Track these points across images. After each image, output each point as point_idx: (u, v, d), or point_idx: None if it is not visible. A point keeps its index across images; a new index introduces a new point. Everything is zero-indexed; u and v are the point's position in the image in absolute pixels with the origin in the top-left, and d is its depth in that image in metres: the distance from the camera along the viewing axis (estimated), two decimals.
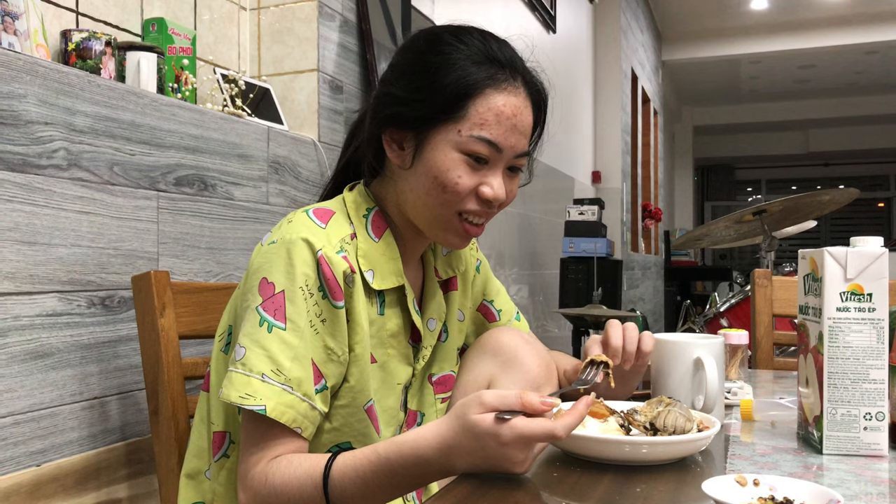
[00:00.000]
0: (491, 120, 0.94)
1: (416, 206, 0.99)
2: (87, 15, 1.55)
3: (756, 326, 1.76)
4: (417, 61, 0.99)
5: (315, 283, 0.91)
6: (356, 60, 2.15)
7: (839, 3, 7.04)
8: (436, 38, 1.00)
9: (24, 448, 1.17)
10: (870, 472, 0.83)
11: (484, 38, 0.99)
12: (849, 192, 2.95)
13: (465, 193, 0.96)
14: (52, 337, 1.22)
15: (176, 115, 1.46)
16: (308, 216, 0.96)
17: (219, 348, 1.04)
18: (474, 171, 0.96)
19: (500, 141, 0.95)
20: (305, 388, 0.90)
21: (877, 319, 0.89)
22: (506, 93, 0.96)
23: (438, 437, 0.81)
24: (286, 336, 0.89)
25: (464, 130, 0.94)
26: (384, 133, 1.00)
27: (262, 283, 0.92)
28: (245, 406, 0.87)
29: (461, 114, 0.94)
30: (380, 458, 0.83)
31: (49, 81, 1.20)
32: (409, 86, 0.97)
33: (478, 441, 0.78)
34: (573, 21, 5.05)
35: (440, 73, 0.95)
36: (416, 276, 1.10)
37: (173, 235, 1.46)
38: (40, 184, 1.19)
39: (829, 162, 12.32)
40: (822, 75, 9.24)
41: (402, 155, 0.99)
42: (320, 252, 0.92)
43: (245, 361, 0.89)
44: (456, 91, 0.94)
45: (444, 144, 0.95)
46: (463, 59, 0.96)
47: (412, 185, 0.99)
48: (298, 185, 1.86)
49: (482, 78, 0.95)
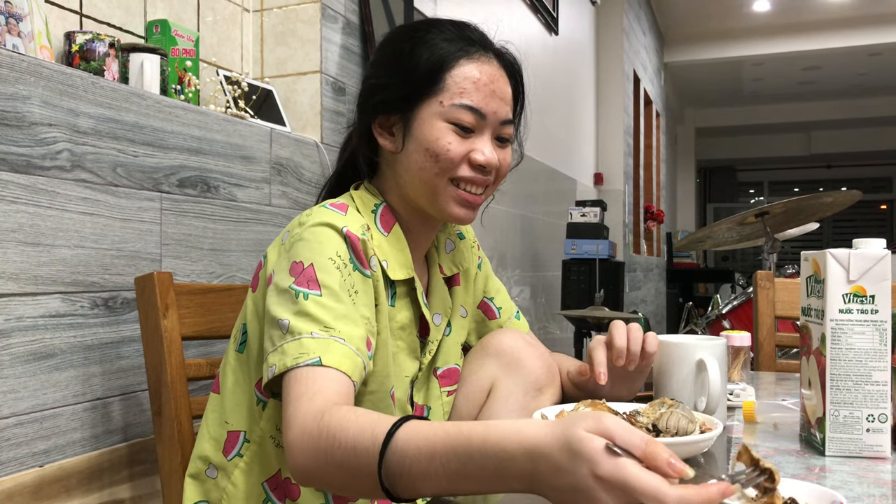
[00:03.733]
0: (469, 88, 1.00)
1: (414, 184, 1.02)
2: (90, 17, 1.56)
3: (758, 328, 1.76)
4: (392, 50, 1.05)
5: (346, 254, 0.93)
6: (359, 62, 2.15)
7: (843, 5, 7.03)
8: (408, 27, 1.09)
9: (27, 449, 1.17)
10: (872, 474, 0.83)
11: (454, 24, 1.06)
12: (851, 195, 2.95)
13: (457, 160, 1.00)
14: (56, 338, 1.22)
15: (179, 117, 1.47)
16: (326, 207, 0.98)
17: (233, 349, 1.04)
18: (463, 139, 1.00)
19: (481, 106, 1.00)
20: (357, 343, 0.88)
21: (879, 321, 0.89)
22: (479, 62, 1.02)
23: (535, 437, 0.65)
24: (324, 300, 0.89)
25: (445, 101, 0.99)
26: (373, 124, 1.04)
27: (291, 266, 0.92)
28: (300, 364, 0.83)
29: (440, 86, 1.00)
30: (460, 433, 0.69)
31: (53, 83, 1.21)
32: (387, 71, 1.03)
33: (572, 461, 0.62)
34: (575, 23, 5.05)
35: (415, 54, 1.01)
36: (421, 272, 1.12)
37: (176, 237, 1.46)
38: (44, 185, 1.19)
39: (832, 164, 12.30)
40: (825, 77, 9.23)
41: (393, 140, 1.04)
42: (346, 228, 0.94)
43: (292, 329, 0.87)
44: (431, 65, 1.00)
45: (430, 117, 1.00)
46: (435, 37, 1.02)
47: (406, 165, 1.02)
48: (301, 186, 1.86)
49: (454, 51, 1.01)
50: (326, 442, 0.76)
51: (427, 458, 0.69)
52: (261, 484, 1.00)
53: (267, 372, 0.87)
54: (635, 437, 0.62)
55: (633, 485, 0.59)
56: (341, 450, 0.74)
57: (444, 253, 1.16)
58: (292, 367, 0.84)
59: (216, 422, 1.04)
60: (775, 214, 2.95)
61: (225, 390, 1.04)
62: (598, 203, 4.17)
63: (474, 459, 0.68)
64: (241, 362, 1.03)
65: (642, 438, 0.62)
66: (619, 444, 0.61)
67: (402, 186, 1.05)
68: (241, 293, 1.28)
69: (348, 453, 0.74)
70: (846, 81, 9.45)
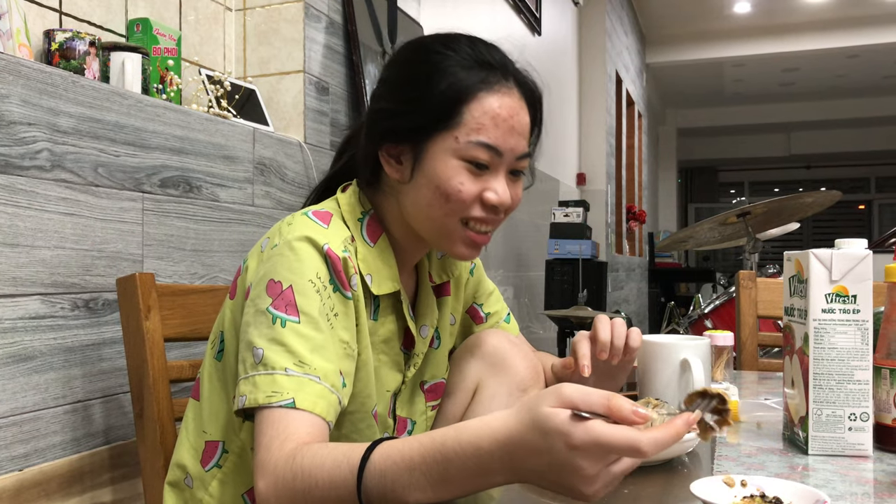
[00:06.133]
0: (487, 123, 0.92)
1: (420, 219, 0.97)
2: (70, 15, 1.54)
3: (741, 328, 1.77)
4: (407, 72, 0.98)
5: (326, 275, 0.89)
6: (342, 62, 2.14)
7: (821, 8, 7.10)
8: (423, 47, 0.98)
9: (6, 452, 1.15)
10: (855, 473, 0.83)
11: (472, 44, 0.97)
12: (831, 195, 2.98)
13: (469, 201, 0.94)
14: (35, 340, 1.20)
15: (161, 116, 1.45)
16: (308, 217, 0.94)
17: (211, 355, 1.02)
18: (476, 177, 0.94)
19: (499, 144, 0.93)
20: (332, 380, 0.85)
21: (861, 321, 0.90)
22: (499, 94, 0.94)
23: (505, 428, 0.66)
24: (301, 329, 0.85)
25: (461, 137, 0.92)
26: (381, 149, 0.98)
27: (269, 284, 0.88)
28: (273, 404, 0.81)
29: (456, 120, 0.92)
30: (433, 442, 0.70)
31: (32, 82, 1.19)
32: (400, 98, 0.96)
33: (545, 439, 0.63)
34: (558, 23, 5.06)
35: (431, 81, 0.93)
36: (409, 282, 1.08)
37: (158, 237, 1.45)
38: (23, 185, 1.18)
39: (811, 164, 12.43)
40: (804, 78, 9.33)
41: (400, 169, 0.97)
42: (326, 246, 0.90)
43: (265, 361, 0.84)
44: (449, 97, 0.92)
45: (443, 153, 0.93)
46: (453, 65, 0.94)
47: (413, 198, 0.96)
48: (284, 186, 1.85)
49: (474, 82, 0.93)
50: (303, 483, 0.75)
51: (407, 472, 0.70)
52: (241, 495, 0.98)
53: (238, 400, 0.84)
54: (595, 397, 0.63)
55: (606, 442, 0.61)
56: (319, 488, 0.74)
57: (434, 259, 1.13)
58: (265, 405, 0.81)
59: (194, 430, 1.01)
60: (757, 215, 2.97)
61: (203, 398, 1.01)
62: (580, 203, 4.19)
63: (454, 463, 0.68)
64: (219, 370, 1.00)
65: (603, 396, 0.63)
66: (583, 409, 0.63)
67: (404, 214, 1.00)
68: (223, 294, 1.27)
69: (327, 489, 0.74)
70: (825, 83, 9.55)
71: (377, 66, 2.22)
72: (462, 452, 0.68)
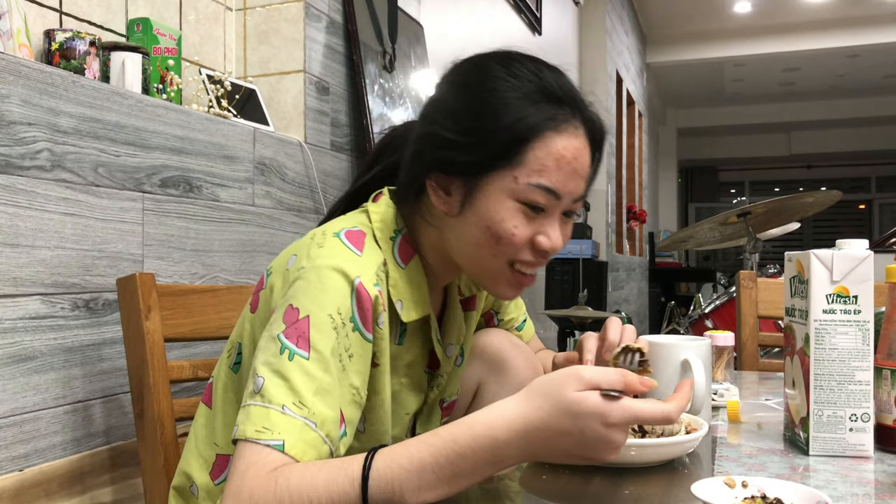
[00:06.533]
0: (551, 166, 0.86)
1: (464, 254, 0.92)
2: (70, 14, 1.54)
3: (741, 328, 1.77)
4: (467, 99, 0.89)
5: (348, 313, 0.82)
6: (343, 62, 2.14)
7: (822, 7, 7.10)
8: (485, 70, 0.90)
9: (6, 453, 1.15)
10: (856, 473, 0.83)
11: (538, 70, 0.89)
12: (832, 195, 2.98)
13: (520, 244, 0.88)
14: (35, 340, 1.20)
15: (161, 116, 1.45)
16: (341, 241, 0.88)
17: (227, 364, 0.97)
18: (530, 220, 0.88)
19: (559, 188, 0.87)
20: (329, 428, 0.78)
21: (862, 321, 0.90)
22: (566, 135, 0.87)
23: (521, 417, 0.70)
24: (309, 366, 0.79)
25: (521, 178, 0.86)
26: (429, 177, 0.91)
27: (287, 310, 0.82)
28: (261, 441, 0.74)
29: (518, 159, 0.85)
30: (443, 441, 0.71)
31: (32, 81, 1.19)
32: (458, 127, 0.88)
33: (577, 421, 0.68)
34: (559, 23, 5.06)
35: (495, 115, 0.86)
36: (436, 300, 1.03)
37: (158, 237, 1.45)
38: (23, 185, 1.18)
39: (812, 164, 12.42)
40: (804, 78, 9.32)
41: (448, 202, 0.90)
42: (358, 280, 0.83)
43: (264, 392, 0.78)
44: (513, 135, 0.85)
45: (499, 192, 0.87)
46: (519, 97, 0.86)
47: (460, 233, 0.90)
48: (284, 186, 1.85)
49: (542, 120, 0.86)
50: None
51: (417, 475, 0.70)
52: None
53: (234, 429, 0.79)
54: (613, 375, 0.70)
55: (642, 416, 0.70)
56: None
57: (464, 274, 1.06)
58: (252, 439, 0.75)
59: (205, 439, 0.96)
60: (757, 214, 2.97)
61: (216, 407, 0.96)
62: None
63: (467, 458, 0.70)
64: (234, 383, 0.95)
65: (617, 373, 0.71)
66: (606, 387, 0.70)
67: (446, 248, 0.94)
68: (224, 294, 1.27)
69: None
70: (825, 82, 9.55)
71: (377, 65, 2.22)
72: (477, 446, 0.70)
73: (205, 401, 0.99)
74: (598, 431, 0.69)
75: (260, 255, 1.75)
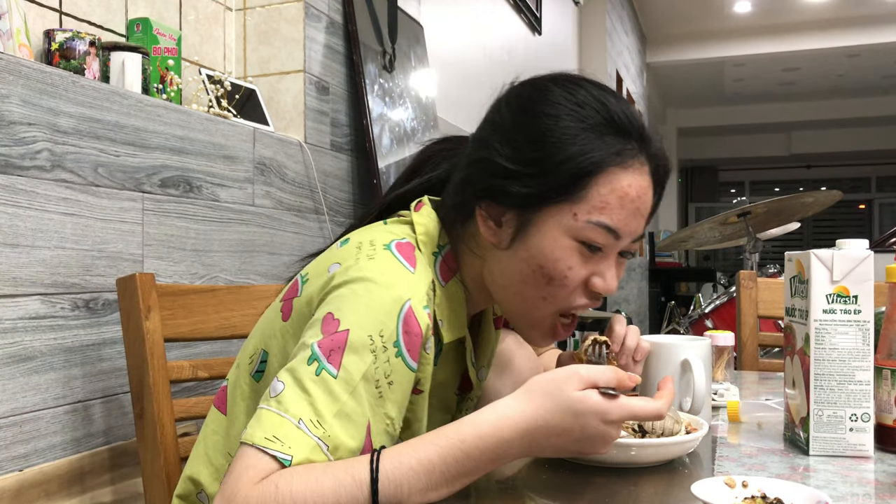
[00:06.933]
0: (614, 203, 0.80)
1: (508, 291, 0.86)
2: (70, 14, 1.54)
3: (741, 328, 1.77)
4: (527, 126, 0.83)
5: (392, 336, 0.76)
6: (342, 62, 2.14)
7: (822, 7, 7.10)
8: (547, 96, 0.84)
9: (6, 453, 1.15)
10: (856, 473, 0.83)
11: (603, 97, 0.83)
12: (832, 195, 2.98)
13: (573, 286, 0.83)
14: (35, 340, 1.20)
15: (161, 116, 1.45)
16: (393, 254, 0.82)
17: (248, 371, 0.90)
18: (585, 260, 0.83)
19: (620, 227, 0.81)
20: (342, 455, 0.73)
21: (862, 321, 0.90)
22: (631, 172, 0.82)
23: (525, 416, 0.72)
24: (334, 386, 0.73)
25: (581, 214, 0.80)
26: (480, 205, 0.85)
27: (326, 317, 0.77)
28: (268, 450, 0.70)
29: (580, 195, 0.80)
30: (450, 441, 0.71)
31: (32, 82, 1.19)
32: (517, 156, 0.82)
33: (578, 420, 0.72)
34: (558, 23, 5.06)
35: (557, 146, 0.80)
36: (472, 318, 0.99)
37: (158, 237, 1.45)
38: (23, 185, 1.18)
39: (811, 164, 12.42)
40: (804, 78, 9.32)
41: (498, 233, 0.85)
42: (409, 303, 0.78)
43: (281, 399, 0.73)
44: (576, 169, 0.80)
45: (555, 229, 0.81)
46: (584, 128, 0.81)
47: (506, 267, 0.85)
48: (284, 186, 1.85)
49: (608, 155, 0.80)
50: None
51: (426, 475, 0.71)
52: None
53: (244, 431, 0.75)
54: (608, 373, 0.74)
55: (638, 414, 0.74)
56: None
57: None
58: (259, 446, 0.71)
59: (217, 448, 0.90)
60: (757, 214, 2.97)
61: (232, 416, 0.89)
62: None
63: (473, 458, 0.72)
64: (254, 391, 0.88)
65: (610, 370, 0.74)
66: (603, 385, 0.73)
67: (486, 279, 0.89)
68: (224, 294, 1.27)
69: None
70: (825, 82, 9.55)
71: (377, 65, 2.22)
72: (483, 446, 0.72)
73: (217, 405, 0.92)
74: (597, 428, 0.72)
75: (260, 255, 1.75)
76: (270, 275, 1.78)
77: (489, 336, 1.01)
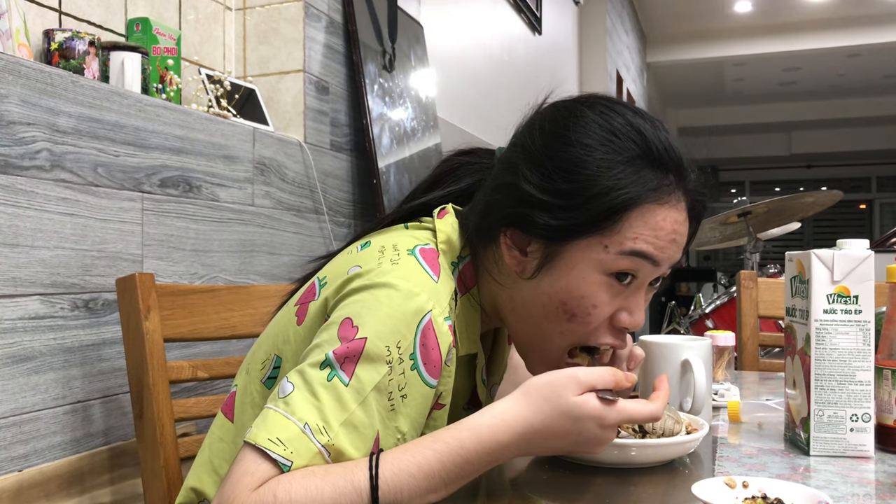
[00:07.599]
0: (646, 234, 0.78)
1: (524, 321, 0.84)
2: (70, 14, 1.54)
3: (742, 328, 1.77)
4: (558, 154, 0.79)
5: (408, 348, 0.74)
6: (342, 61, 2.14)
7: (823, 7, 7.10)
8: (581, 123, 0.80)
9: (5, 453, 1.15)
10: (856, 474, 0.83)
11: (641, 127, 0.79)
12: (832, 195, 2.98)
13: (596, 324, 0.81)
14: (35, 340, 1.20)
15: (160, 116, 1.45)
16: (417, 260, 0.80)
17: (258, 377, 0.86)
18: (614, 294, 0.80)
19: (654, 255, 0.78)
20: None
21: (863, 321, 0.89)
22: (667, 206, 0.79)
23: (523, 420, 0.71)
24: (345, 394, 0.71)
25: (612, 247, 0.77)
26: (505, 232, 0.82)
27: (345, 322, 0.75)
28: (270, 452, 0.68)
29: (612, 228, 0.77)
30: (449, 446, 0.70)
31: (31, 81, 1.19)
32: (546, 185, 0.78)
33: (576, 424, 0.72)
34: (559, 23, 5.06)
35: (590, 178, 0.77)
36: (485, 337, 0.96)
37: (158, 237, 1.45)
38: (23, 185, 1.17)
39: (812, 164, 12.42)
40: (805, 78, 9.32)
41: (522, 262, 0.82)
42: (429, 316, 0.75)
43: (289, 401, 0.71)
44: (610, 205, 0.76)
45: (584, 263, 0.78)
46: (620, 161, 0.77)
47: (528, 298, 0.82)
48: (284, 186, 1.85)
49: (644, 191, 0.77)
50: None
51: (425, 480, 0.70)
52: None
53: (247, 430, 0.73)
54: (607, 376, 0.74)
55: (634, 417, 0.74)
56: None
57: None
58: (261, 446, 0.69)
59: (223, 456, 0.86)
60: (758, 214, 2.97)
61: (241, 424, 0.86)
62: None
63: (471, 461, 0.72)
64: (265, 399, 0.84)
65: (608, 372, 0.74)
66: (601, 388, 0.73)
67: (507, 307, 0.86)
68: (224, 294, 1.27)
69: None
70: (826, 82, 9.55)
71: (377, 65, 2.21)
72: (482, 450, 0.71)
73: (225, 412, 0.88)
74: (594, 431, 0.73)
75: (259, 255, 1.75)
76: (270, 275, 1.78)
77: (503, 352, 1.00)
